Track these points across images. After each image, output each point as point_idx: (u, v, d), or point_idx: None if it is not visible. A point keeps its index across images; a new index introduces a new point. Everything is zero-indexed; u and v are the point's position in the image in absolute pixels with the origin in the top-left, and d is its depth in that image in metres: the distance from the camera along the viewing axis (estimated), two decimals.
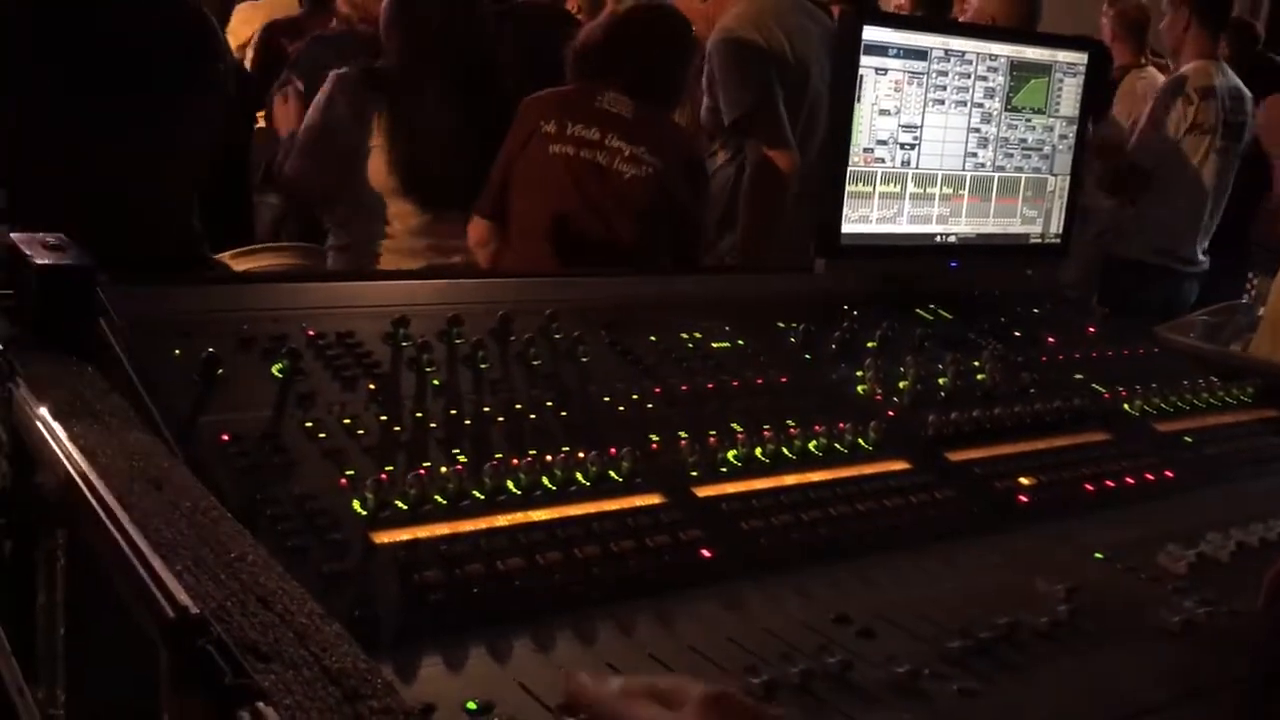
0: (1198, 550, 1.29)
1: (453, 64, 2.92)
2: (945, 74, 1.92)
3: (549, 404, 1.33)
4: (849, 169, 1.86)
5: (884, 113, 1.87)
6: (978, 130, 1.99)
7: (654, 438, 1.31)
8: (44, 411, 1.04)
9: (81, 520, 0.88)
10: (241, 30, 5.57)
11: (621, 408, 1.37)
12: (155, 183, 2.67)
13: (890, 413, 1.51)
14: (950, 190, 1.99)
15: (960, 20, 4.25)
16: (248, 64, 5.17)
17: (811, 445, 1.36)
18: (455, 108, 2.91)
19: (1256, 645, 1.05)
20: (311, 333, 1.35)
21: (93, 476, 0.90)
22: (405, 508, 1.10)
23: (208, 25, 2.86)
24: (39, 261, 1.21)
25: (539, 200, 2.78)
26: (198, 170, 2.83)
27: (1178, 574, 1.25)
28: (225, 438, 1.14)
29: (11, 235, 1.29)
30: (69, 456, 0.95)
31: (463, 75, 2.93)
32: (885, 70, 1.86)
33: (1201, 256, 4.80)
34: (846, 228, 1.89)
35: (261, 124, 4.73)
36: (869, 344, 1.68)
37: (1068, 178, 2.13)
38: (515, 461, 1.18)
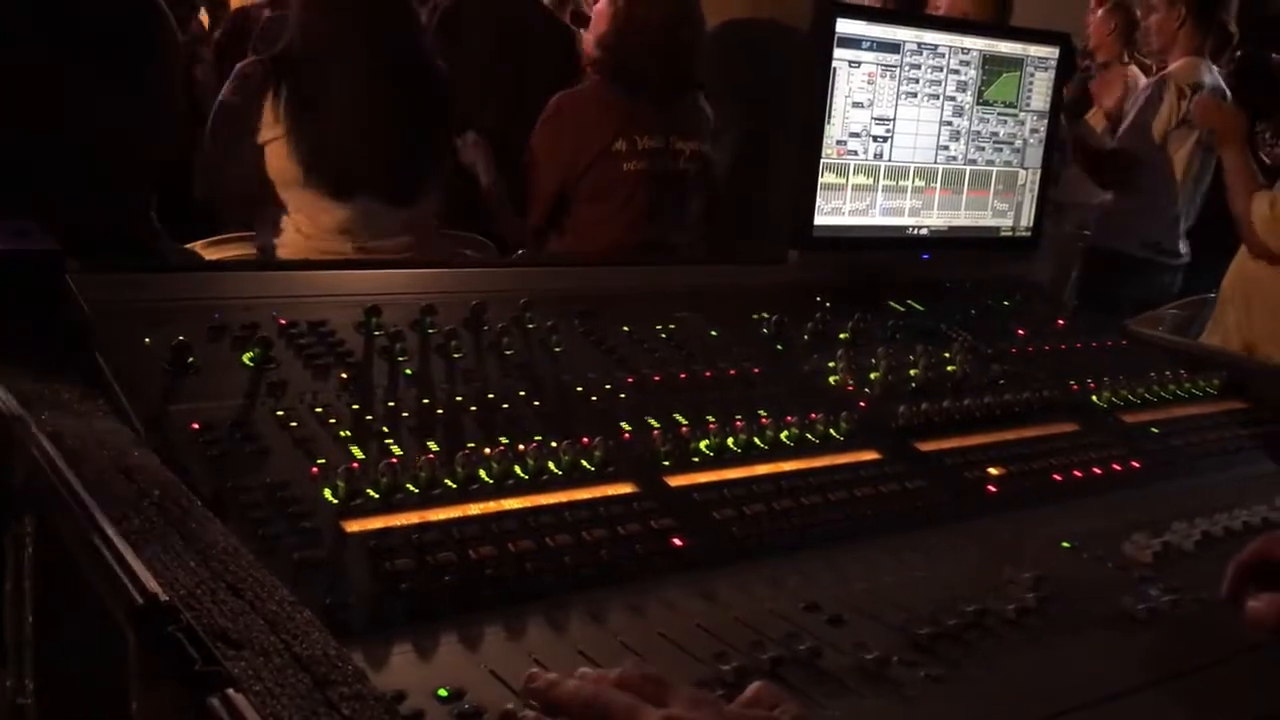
0: (1163, 539, 1.30)
1: (364, 44, 2.75)
2: (918, 67, 1.93)
3: (522, 393, 1.33)
4: (822, 161, 1.87)
5: (857, 105, 1.88)
6: (950, 123, 2.00)
7: (626, 427, 1.31)
8: (11, 399, 1.03)
9: (50, 508, 0.88)
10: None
11: (594, 397, 1.37)
12: (96, 172, 2.59)
13: (861, 403, 1.52)
14: (922, 183, 2.00)
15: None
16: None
17: (783, 435, 1.37)
18: (368, 90, 2.75)
19: None
20: (283, 321, 1.34)
21: (61, 464, 0.90)
22: (377, 496, 1.09)
23: (155, 8, 2.77)
24: (6, 248, 1.20)
25: (609, 211, 2.95)
26: (146, 162, 2.76)
27: (1144, 563, 1.27)
28: (196, 426, 1.13)
29: None
30: (37, 444, 0.94)
31: (379, 56, 2.77)
32: (859, 63, 1.87)
33: (1184, 249, 4.86)
34: (819, 219, 1.89)
35: None
36: (841, 335, 1.69)
37: (1039, 171, 2.15)
38: (487, 450, 1.18)
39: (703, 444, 1.31)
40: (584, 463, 1.22)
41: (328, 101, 2.71)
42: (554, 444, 1.21)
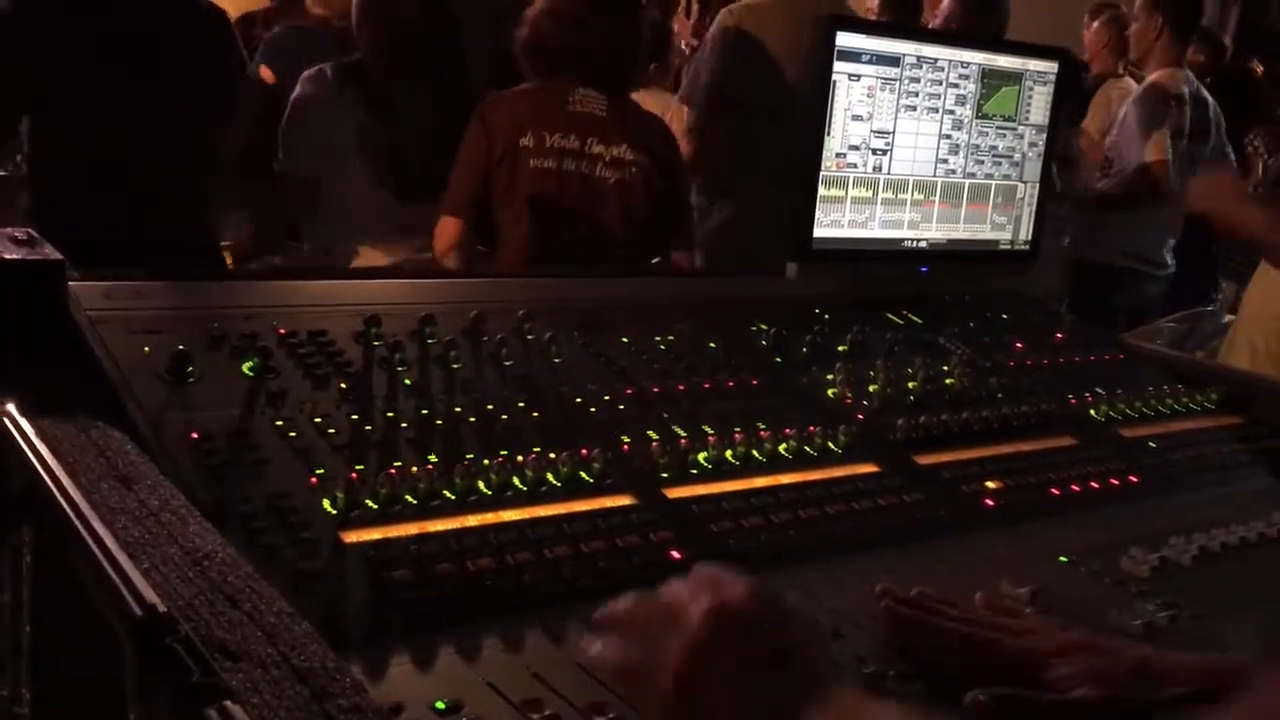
0: (1160, 554, 1.31)
1: (426, 60, 2.92)
2: (917, 80, 1.94)
3: (521, 404, 1.33)
4: (821, 173, 1.88)
5: (857, 118, 1.89)
6: (949, 137, 2.01)
7: (625, 439, 1.31)
8: (11, 408, 1.03)
9: (49, 517, 0.88)
10: None
11: (593, 409, 1.37)
12: (176, 174, 2.74)
13: (860, 416, 1.52)
14: (921, 196, 2.01)
15: (929, 28, 4.31)
16: None
17: (782, 448, 1.37)
18: (429, 103, 2.91)
19: None
20: (283, 331, 1.34)
21: (60, 473, 0.90)
22: (376, 507, 1.09)
23: (222, 21, 2.94)
24: (7, 257, 1.20)
25: (522, 213, 2.76)
26: (215, 163, 2.92)
27: (1141, 577, 1.27)
28: (195, 436, 1.13)
29: None
30: (36, 453, 0.94)
31: (435, 71, 2.93)
32: (858, 76, 1.87)
33: (1169, 260, 4.86)
34: (819, 232, 1.90)
35: None
36: (839, 347, 1.69)
37: (1037, 185, 2.15)
38: (486, 461, 1.18)
39: (701, 456, 1.31)
40: (583, 474, 1.22)
41: (395, 112, 2.82)
42: (553, 455, 1.21)
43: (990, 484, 1.45)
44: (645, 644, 0.82)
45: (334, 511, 1.08)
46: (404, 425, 1.24)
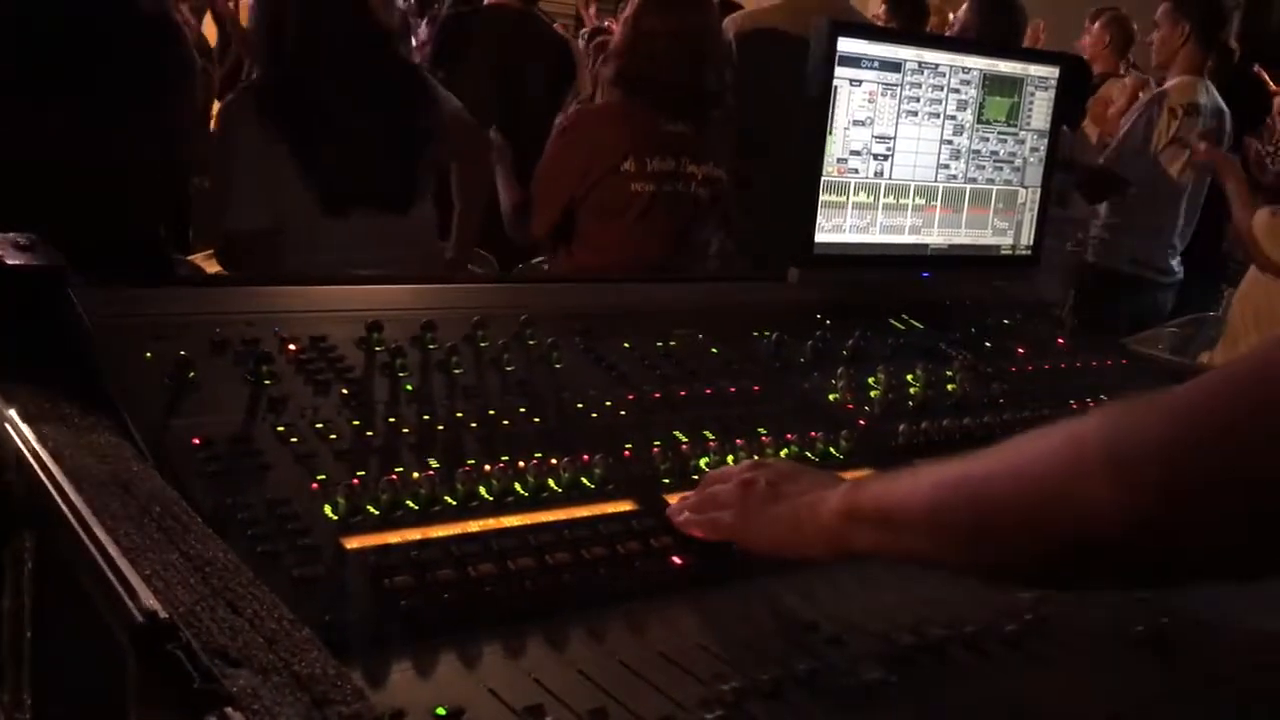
0: None
1: (346, 66, 2.72)
2: (919, 86, 1.94)
3: (522, 410, 1.33)
4: (823, 179, 1.88)
5: (858, 123, 1.89)
6: (950, 142, 2.01)
7: (627, 445, 1.31)
8: (13, 413, 1.03)
9: (50, 523, 0.88)
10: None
11: (594, 414, 1.37)
12: (118, 184, 2.64)
13: (861, 422, 1.52)
14: (923, 201, 2.01)
15: (945, 35, 4.33)
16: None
17: (784, 454, 1.37)
18: (365, 110, 2.72)
19: None
20: (284, 336, 1.34)
21: (61, 479, 0.90)
22: (377, 513, 1.09)
23: (171, 23, 2.82)
24: (10, 262, 1.20)
25: (617, 227, 2.92)
26: (163, 174, 2.81)
27: None
28: (196, 441, 1.13)
29: None
30: (38, 459, 0.94)
31: (368, 79, 2.74)
32: (860, 82, 1.87)
33: (1177, 267, 4.86)
34: (820, 237, 1.90)
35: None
36: (841, 353, 1.69)
37: (1039, 190, 2.15)
38: (487, 467, 1.18)
39: (703, 462, 1.31)
40: (584, 480, 1.22)
41: (322, 125, 2.69)
42: (554, 461, 1.21)
43: None
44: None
45: (335, 517, 1.08)
46: (405, 431, 1.24)
